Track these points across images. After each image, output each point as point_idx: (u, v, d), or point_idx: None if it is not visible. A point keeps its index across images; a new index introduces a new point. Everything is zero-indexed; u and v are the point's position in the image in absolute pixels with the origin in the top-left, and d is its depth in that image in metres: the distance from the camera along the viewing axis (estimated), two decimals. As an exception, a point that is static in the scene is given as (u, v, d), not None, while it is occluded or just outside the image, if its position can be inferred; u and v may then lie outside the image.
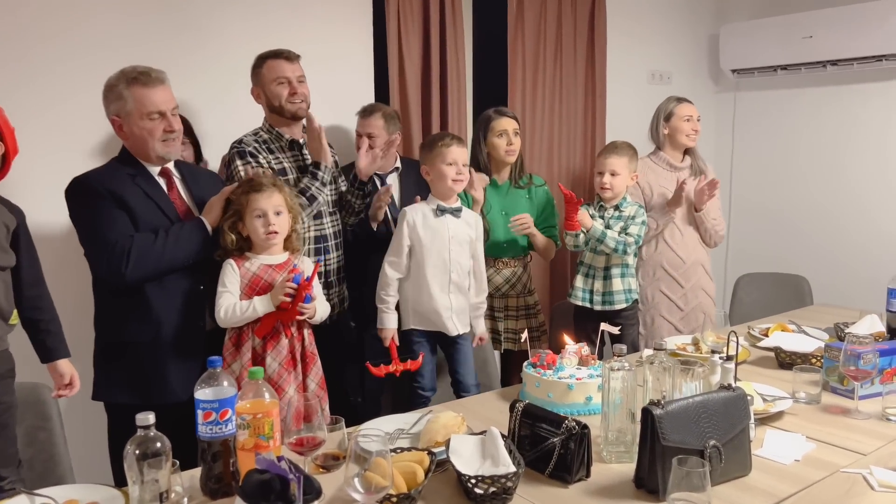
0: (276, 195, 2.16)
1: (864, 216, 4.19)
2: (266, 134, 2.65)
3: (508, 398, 2.17)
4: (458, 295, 2.56)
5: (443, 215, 2.53)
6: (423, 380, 2.60)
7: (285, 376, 2.11)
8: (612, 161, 2.86)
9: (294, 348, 2.15)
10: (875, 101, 4.10)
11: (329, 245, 2.70)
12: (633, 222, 2.92)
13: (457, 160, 2.49)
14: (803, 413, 2.03)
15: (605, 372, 1.76)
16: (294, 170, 2.62)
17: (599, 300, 2.90)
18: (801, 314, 3.20)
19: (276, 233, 2.14)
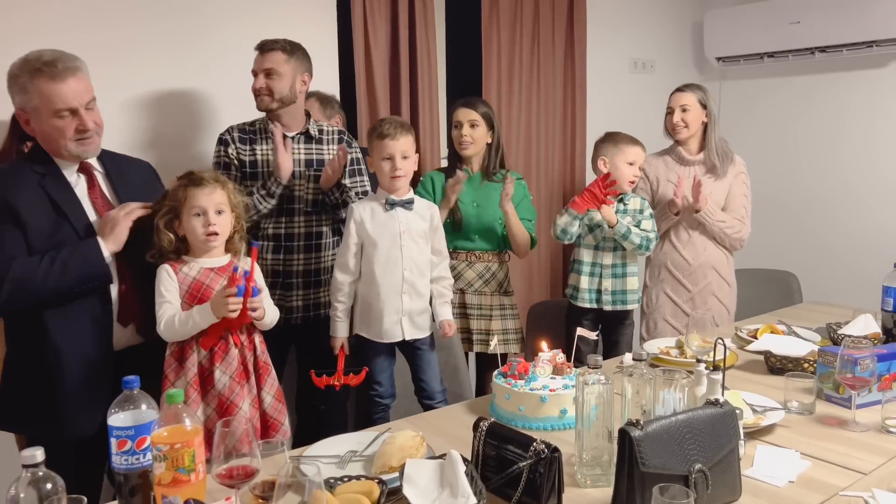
0: (218, 192, 1.97)
1: (854, 210, 4.05)
2: (259, 123, 2.56)
3: (477, 411, 1.99)
4: (412, 296, 2.37)
5: (392, 209, 2.35)
6: (380, 387, 2.42)
7: (237, 391, 1.91)
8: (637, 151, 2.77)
9: (245, 359, 1.96)
10: (865, 90, 3.95)
11: (295, 245, 2.54)
12: (643, 216, 2.80)
13: (394, 154, 2.29)
14: (796, 425, 1.87)
15: (579, 385, 1.59)
16: (271, 163, 2.47)
17: (610, 300, 2.78)
18: (791, 313, 3.05)
19: (216, 234, 1.94)
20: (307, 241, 2.57)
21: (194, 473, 1.29)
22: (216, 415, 1.88)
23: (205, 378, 1.90)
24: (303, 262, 2.57)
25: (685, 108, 3.00)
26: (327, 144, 2.62)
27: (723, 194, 3.06)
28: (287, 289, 2.54)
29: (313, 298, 2.61)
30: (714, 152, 3.05)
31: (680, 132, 3.02)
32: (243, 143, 2.49)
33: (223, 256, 2.01)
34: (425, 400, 2.43)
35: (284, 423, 2.00)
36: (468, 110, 2.82)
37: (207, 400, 1.91)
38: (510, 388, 1.90)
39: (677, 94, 3.03)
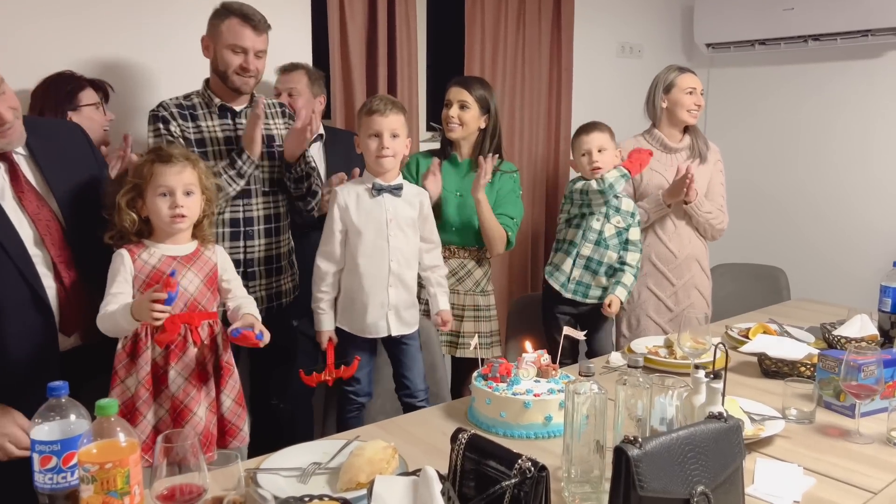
0: (188, 171, 1.78)
1: (846, 204, 3.95)
2: (197, 97, 2.30)
3: (455, 416, 1.84)
4: (399, 289, 2.21)
5: (379, 195, 2.17)
6: (356, 384, 2.26)
7: (193, 394, 1.73)
8: (596, 137, 2.55)
9: (205, 359, 1.78)
10: (860, 80, 3.85)
11: (255, 230, 2.32)
12: (633, 221, 2.63)
13: (382, 131, 2.12)
14: (796, 435, 1.74)
15: (569, 394, 1.44)
16: (221, 141, 2.26)
17: (573, 288, 2.63)
18: (779, 310, 2.93)
19: (183, 216, 1.76)
20: (267, 224, 2.35)
21: (128, 497, 1.11)
22: (169, 418, 1.71)
23: (158, 377, 1.72)
24: (263, 249, 2.36)
25: (701, 92, 2.88)
26: (272, 119, 2.39)
27: (705, 182, 2.93)
28: (249, 279, 2.33)
29: (275, 287, 2.42)
30: (697, 138, 2.94)
31: (696, 115, 2.88)
32: (185, 120, 2.24)
33: (189, 243, 1.83)
34: (406, 398, 2.28)
35: (244, 428, 1.83)
36: (459, 90, 2.62)
37: (160, 401, 1.73)
38: (491, 391, 1.75)
39: (689, 77, 2.88)
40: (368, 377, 2.28)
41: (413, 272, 2.25)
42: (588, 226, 2.58)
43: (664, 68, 2.94)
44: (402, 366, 2.28)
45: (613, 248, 2.59)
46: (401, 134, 2.15)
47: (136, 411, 1.68)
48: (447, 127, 2.63)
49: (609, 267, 2.60)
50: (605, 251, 2.58)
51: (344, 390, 2.26)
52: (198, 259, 1.80)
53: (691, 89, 2.85)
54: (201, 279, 1.79)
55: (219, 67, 2.23)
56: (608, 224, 2.58)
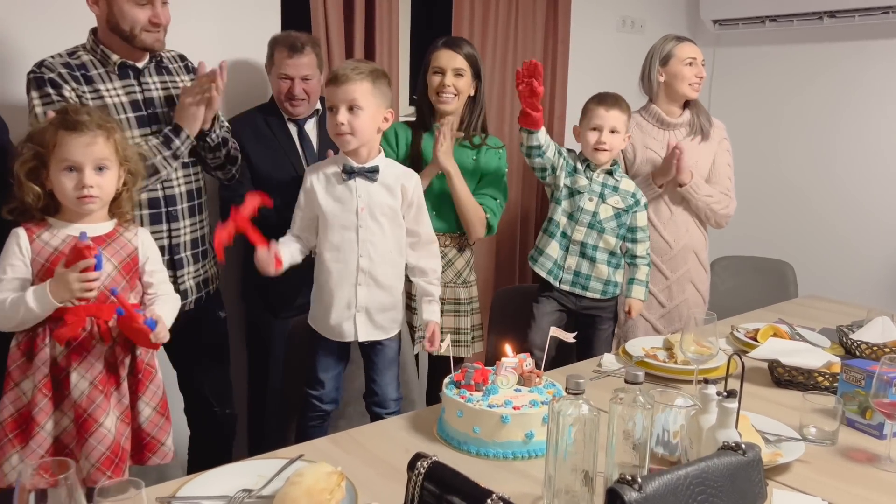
0: (101, 142, 1.51)
1: (859, 193, 3.70)
2: (86, 54, 1.90)
3: (423, 429, 1.59)
4: (371, 288, 1.92)
5: (350, 178, 1.89)
6: (321, 388, 1.98)
7: (99, 401, 1.47)
8: (615, 116, 2.25)
9: (116, 359, 1.51)
10: (878, 61, 3.58)
11: (179, 210, 1.99)
12: (638, 206, 2.35)
13: (336, 103, 1.81)
14: (817, 460, 1.50)
15: (553, 416, 1.19)
16: (128, 106, 1.89)
17: (569, 279, 2.34)
18: (787, 308, 2.69)
19: (92, 197, 1.49)
20: (190, 201, 2.02)
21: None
22: (74, 428, 1.45)
23: (60, 381, 1.46)
24: (189, 230, 2.02)
25: (702, 62, 2.59)
26: (177, 75, 2.04)
27: (708, 162, 2.65)
28: (177, 267, 2.00)
29: (202, 274, 2.10)
30: (699, 111, 2.65)
31: (697, 89, 2.60)
32: (78, 83, 1.83)
33: (104, 223, 1.56)
34: (375, 407, 2.01)
35: (166, 441, 1.58)
36: (453, 54, 2.31)
37: (63, 408, 1.48)
38: (463, 402, 1.49)
39: (688, 46, 2.59)
40: (335, 382, 2.01)
41: (394, 269, 1.96)
42: (578, 206, 2.29)
43: (660, 38, 2.65)
44: (373, 368, 2.01)
45: (611, 231, 2.31)
46: (365, 105, 1.82)
47: (31, 421, 1.42)
48: (440, 98, 2.33)
49: (610, 254, 2.33)
50: (601, 234, 2.30)
51: (306, 392, 2.00)
52: (114, 241, 1.54)
53: (691, 60, 2.56)
54: (116, 265, 1.53)
55: (120, 25, 1.85)
56: (603, 205, 2.29)
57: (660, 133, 2.64)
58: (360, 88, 1.82)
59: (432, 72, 2.33)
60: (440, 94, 2.32)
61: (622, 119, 2.27)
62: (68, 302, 1.44)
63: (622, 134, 2.29)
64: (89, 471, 1.44)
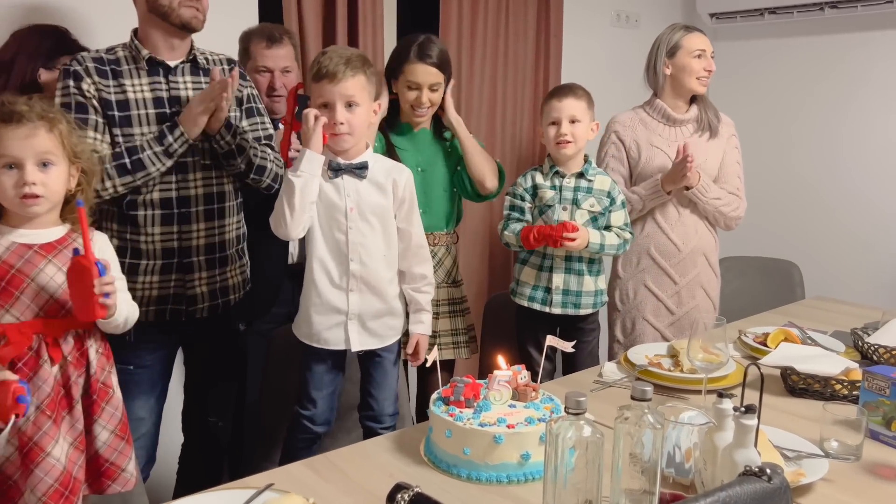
0: (43, 134, 1.37)
1: (866, 191, 3.57)
2: (123, 51, 1.88)
3: (410, 449, 1.45)
4: (364, 294, 1.79)
5: (337, 176, 1.75)
6: (312, 408, 1.83)
7: (47, 427, 1.33)
8: (570, 104, 2.10)
9: (69, 380, 1.37)
10: (883, 53, 3.46)
11: (193, 212, 1.90)
12: (614, 205, 2.18)
13: (333, 100, 1.68)
14: (841, 477, 1.37)
15: (551, 438, 1.05)
16: (149, 102, 1.84)
17: (560, 300, 2.16)
18: (795, 311, 2.57)
19: (35, 197, 1.36)
20: (207, 205, 1.93)
21: None
22: (18, 457, 1.31)
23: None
24: (204, 234, 1.94)
25: (711, 54, 2.45)
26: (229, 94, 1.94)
27: (717, 160, 2.51)
28: (186, 271, 1.92)
29: (220, 282, 1.99)
30: (707, 107, 2.51)
31: (706, 83, 2.46)
32: (104, 77, 1.81)
33: (55, 227, 1.43)
34: (369, 422, 1.87)
35: (127, 467, 1.44)
36: (427, 68, 2.17)
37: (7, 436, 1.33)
38: (452, 420, 1.36)
39: (697, 37, 2.45)
40: (329, 401, 1.86)
41: (388, 273, 1.82)
42: (554, 218, 2.13)
43: (667, 27, 2.52)
44: (370, 381, 1.87)
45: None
46: (361, 101, 1.70)
47: (-31, 449, 1.28)
48: (416, 112, 2.21)
49: (590, 262, 2.18)
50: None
51: (297, 412, 1.85)
52: (65, 248, 1.40)
53: (700, 52, 2.42)
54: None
55: (158, 1, 1.81)
56: (579, 210, 2.13)
57: (665, 130, 2.50)
58: (359, 83, 1.70)
59: (406, 86, 2.19)
60: (416, 108, 2.21)
61: (580, 106, 2.11)
62: (11, 318, 1.30)
63: (585, 122, 2.12)
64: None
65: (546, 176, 2.17)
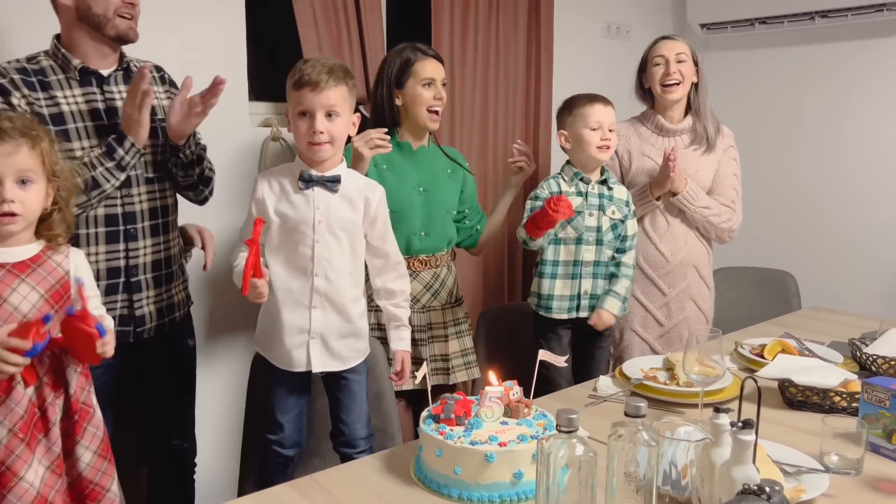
0: (25, 152, 1.34)
1: (859, 200, 3.54)
2: (46, 59, 1.76)
3: (399, 469, 1.41)
4: (327, 312, 1.74)
5: (308, 188, 1.72)
6: (280, 433, 1.80)
7: (20, 451, 1.29)
8: (611, 113, 2.15)
9: (44, 401, 1.33)
10: (874, 62, 3.44)
11: (139, 228, 1.81)
12: (629, 212, 2.19)
13: (314, 109, 1.66)
14: (842, 492, 1.34)
15: (542, 457, 1.02)
16: (86, 115, 1.74)
17: (588, 304, 2.15)
18: (792, 321, 2.55)
19: (13, 215, 1.32)
20: (153, 219, 1.84)
21: None
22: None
23: None
24: (151, 251, 1.84)
25: (681, 59, 2.40)
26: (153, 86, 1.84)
27: (711, 172, 2.48)
28: (133, 291, 1.83)
29: (166, 299, 1.91)
30: (706, 118, 2.46)
31: (673, 89, 2.40)
32: (32, 89, 1.69)
33: (28, 245, 1.39)
34: (343, 448, 1.82)
35: (111, 487, 1.40)
36: (437, 63, 2.18)
37: None
38: (443, 439, 1.32)
39: (668, 42, 2.44)
40: (296, 423, 1.82)
41: (354, 291, 1.78)
42: (584, 224, 2.12)
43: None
44: (338, 406, 1.82)
45: (609, 244, 2.15)
46: (341, 111, 1.68)
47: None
48: (432, 117, 2.18)
49: (606, 266, 2.17)
50: (603, 249, 2.14)
51: (266, 438, 1.80)
52: (39, 267, 1.36)
53: (659, 59, 2.40)
54: (42, 293, 1.35)
55: (93, 10, 1.71)
56: (604, 216, 2.13)
57: (659, 140, 2.48)
58: (341, 93, 1.68)
59: (421, 84, 2.15)
60: (434, 106, 2.17)
61: (615, 117, 2.17)
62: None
63: (614, 133, 2.16)
64: None
65: (570, 182, 2.15)
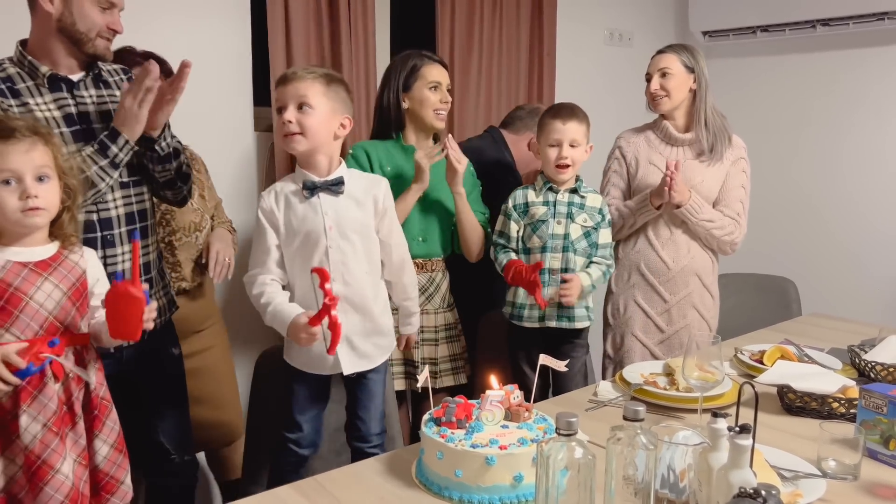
0: (40, 149, 1.38)
1: (860, 207, 3.57)
2: (12, 66, 1.72)
3: (401, 472, 1.43)
4: (349, 314, 1.76)
5: (313, 195, 1.73)
6: (298, 432, 1.81)
7: (54, 445, 1.33)
8: (573, 128, 2.11)
9: (71, 396, 1.37)
10: (875, 70, 3.47)
11: (116, 234, 1.75)
12: (603, 222, 2.20)
13: (286, 102, 1.68)
14: (839, 497, 1.35)
15: (542, 460, 1.03)
16: (60, 121, 1.71)
17: (554, 314, 2.15)
18: (792, 328, 2.55)
19: (37, 209, 1.36)
20: (130, 224, 1.80)
21: None
22: (23, 477, 1.30)
23: (6, 424, 1.32)
24: (129, 258, 1.79)
25: (665, 73, 2.40)
26: (117, 88, 1.85)
27: (717, 183, 2.48)
28: None
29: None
30: (704, 128, 2.45)
31: (660, 102, 2.43)
32: (3, 96, 1.66)
33: (47, 245, 1.43)
34: (356, 442, 1.85)
35: (125, 480, 1.45)
36: (442, 69, 2.24)
37: (10, 455, 1.34)
38: (444, 442, 1.34)
39: (657, 57, 2.45)
40: (314, 424, 1.84)
41: (373, 290, 1.80)
42: (549, 232, 2.14)
43: None
44: (357, 404, 1.85)
45: (582, 252, 2.16)
46: (316, 105, 1.68)
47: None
48: (438, 115, 2.23)
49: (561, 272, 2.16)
50: (573, 256, 2.14)
51: (283, 435, 1.83)
52: (59, 265, 1.40)
53: (649, 74, 2.45)
54: (64, 291, 1.39)
55: (76, 26, 1.69)
56: (573, 224, 2.14)
57: (666, 149, 2.49)
58: (312, 87, 1.69)
59: (428, 87, 2.20)
60: (440, 108, 2.22)
61: (581, 130, 2.13)
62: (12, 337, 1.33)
63: (583, 146, 2.14)
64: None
65: (539, 192, 2.17)
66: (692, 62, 2.43)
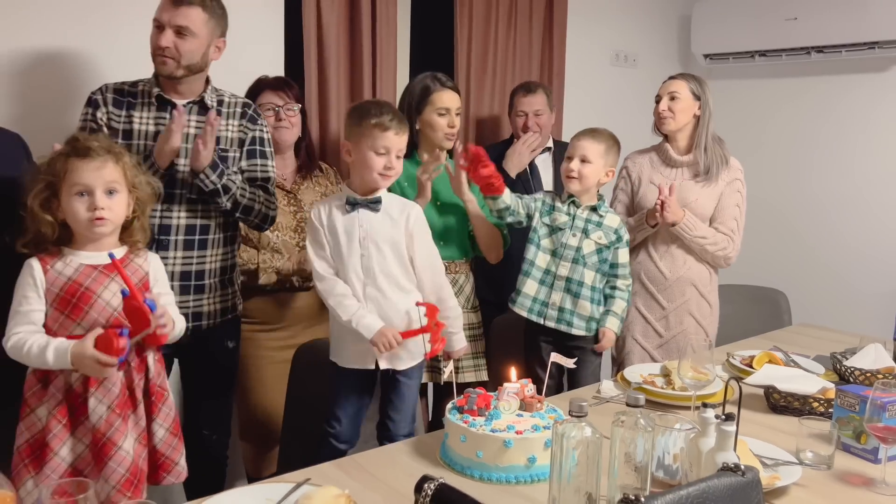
0: (111, 166, 1.55)
1: (850, 223, 3.76)
2: (143, 85, 2.04)
3: (424, 454, 1.61)
4: (385, 317, 1.93)
5: (354, 210, 1.93)
6: (338, 425, 1.97)
7: (118, 424, 1.50)
8: (586, 145, 2.27)
9: (133, 382, 1.55)
10: (865, 95, 3.66)
11: (171, 240, 2.00)
12: (620, 242, 2.35)
13: (390, 148, 1.88)
14: (814, 483, 1.53)
15: (556, 438, 1.22)
16: (150, 135, 1.97)
17: (555, 315, 2.31)
18: (781, 336, 2.73)
19: (104, 219, 1.53)
20: (187, 235, 2.03)
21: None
22: (90, 454, 1.48)
23: (76, 407, 1.49)
24: (180, 262, 2.03)
25: (674, 96, 2.59)
26: (228, 119, 2.09)
27: (712, 203, 2.65)
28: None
29: (193, 307, 2.06)
30: (703, 152, 2.63)
31: (665, 122, 2.61)
32: (118, 107, 1.99)
33: (116, 250, 1.60)
34: (385, 440, 2.00)
35: (180, 461, 1.61)
36: (453, 94, 2.39)
37: (78, 435, 1.50)
38: (466, 427, 1.52)
39: (668, 81, 2.65)
40: (355, 420, 1.99)
41: (404, 294, 1.96)
42: (561, 242, 2.30)
43: None
44: (390, 405, 2.00)
45: (592, 266, 2.31)
46: (402, 155, 1.94)
47: (45, 446, 1.45)
48: (447, 138, 2.39)
49: (591, 289, 2.32)
50: (583, 269, 2.29)
51: (325, 430, 1.98)
52: (125, 267, 1.57)
53: (659, 95, 2.63)
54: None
55: (152, 53, 1.99)
56: (587, 240, 2.30)
57: (666, 170, 2.67)
58: (405, 139, 1.92)
59: (437, 113, 2.37)
60: (447, 134, 2.37)
61: (595, 149, 2.27)
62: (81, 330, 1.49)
63: (596, 165, 2.27)
64: (109, 493, 1.47)
65: (564, 202, 2.33)
66: (700, 91, 2.61)
